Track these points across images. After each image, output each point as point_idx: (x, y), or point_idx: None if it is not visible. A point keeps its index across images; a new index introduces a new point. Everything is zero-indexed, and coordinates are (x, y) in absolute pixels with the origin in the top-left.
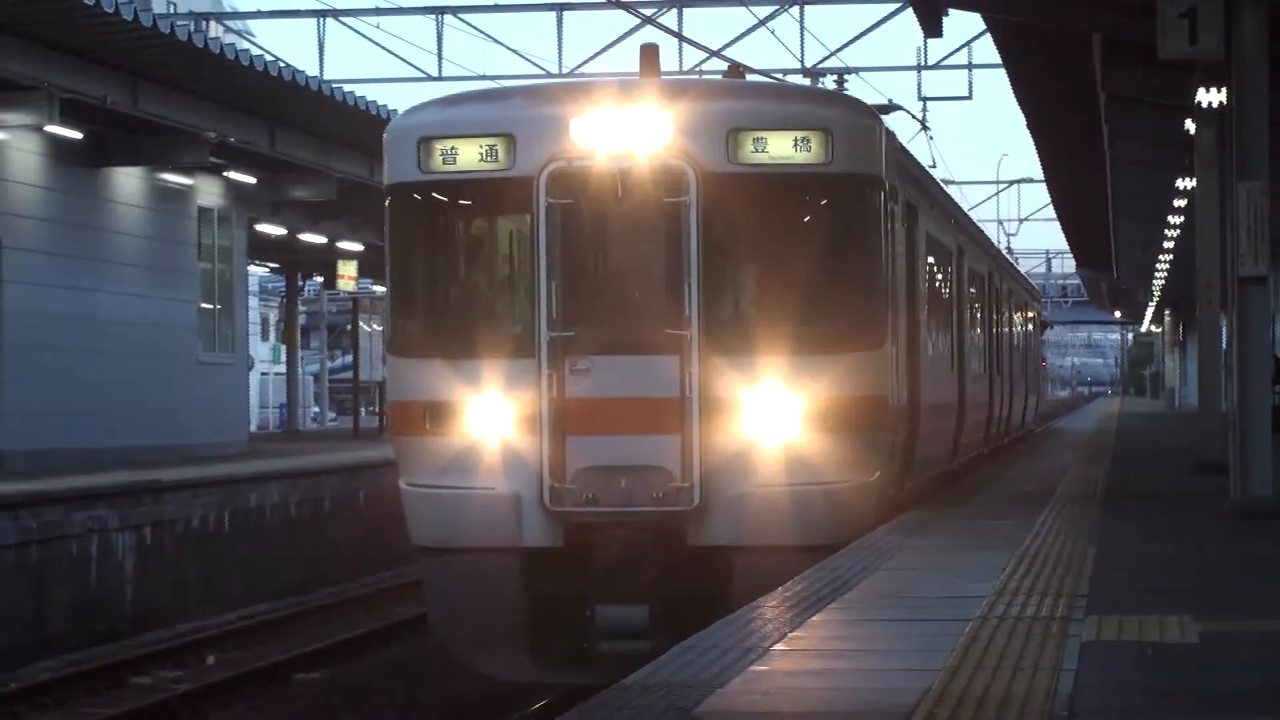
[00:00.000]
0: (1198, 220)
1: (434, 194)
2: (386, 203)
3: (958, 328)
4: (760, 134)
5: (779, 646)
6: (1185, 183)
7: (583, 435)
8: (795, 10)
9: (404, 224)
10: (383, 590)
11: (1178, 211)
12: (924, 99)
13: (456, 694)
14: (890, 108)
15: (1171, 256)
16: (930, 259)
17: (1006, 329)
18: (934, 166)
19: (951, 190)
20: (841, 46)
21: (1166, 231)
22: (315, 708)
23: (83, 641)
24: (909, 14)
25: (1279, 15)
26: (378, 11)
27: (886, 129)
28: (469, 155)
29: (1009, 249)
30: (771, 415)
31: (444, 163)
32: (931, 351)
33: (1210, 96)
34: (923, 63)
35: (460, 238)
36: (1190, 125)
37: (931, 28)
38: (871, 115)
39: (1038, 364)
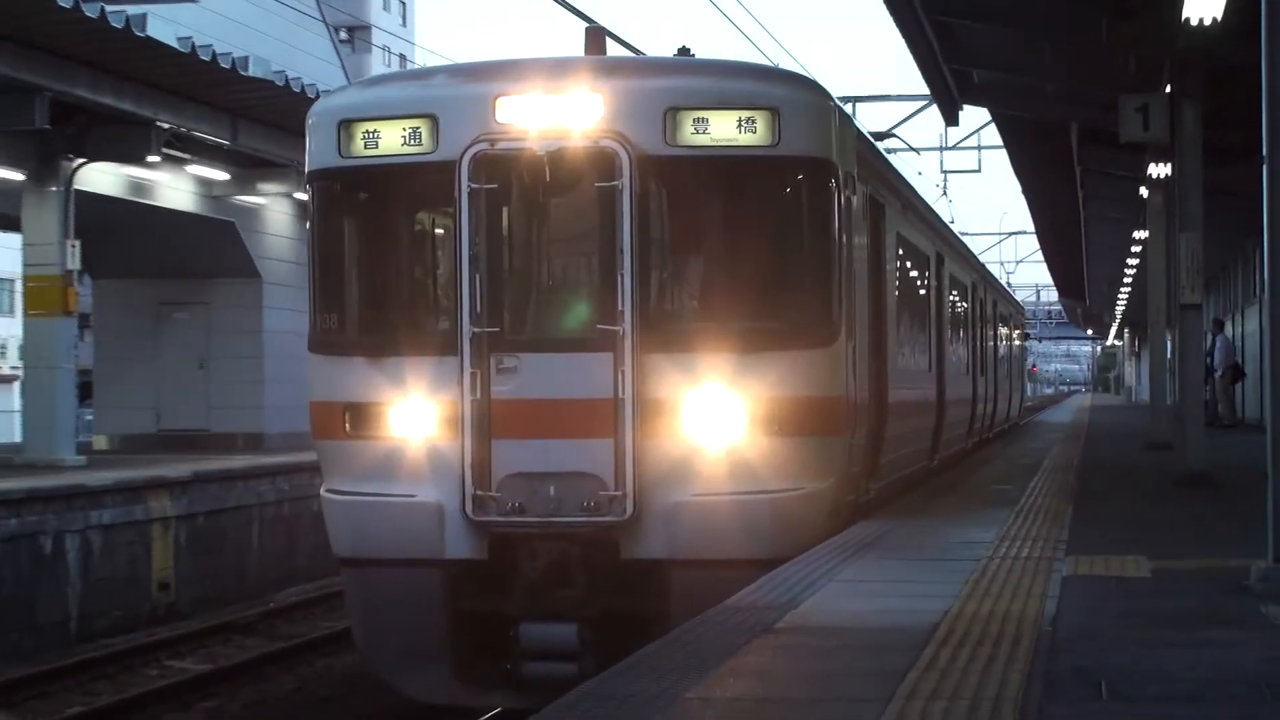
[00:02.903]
0: (1149, 262)
1: (355, 181)
2: (307, 191)
3: (937, 330)
4: (701, 114)
5: (835, 579)
6: (1140, 234)
7: (509, 439)
8: (849, 106)
9: (324, 213)
10: None
11: (1134, 255)
12: (945, 172)
13: None
14: (885, 135)
15: (1130, 288)
16: (904, 260)
17: (990, 334)
18: (953, 221)
19: (965, 239)
20: (884, 134)
21: (1126, 270)
22: None
23: (319, 574)
24: (934, 109)
25: (1209, 110)
26: None
27: (843, 113)
28: (391, 139)
29: (1009, 283)
30: (712, 418)
31: (365, 147)
32: (904, 351)
33: (1159, 170)
34: (944, 144)
35: (382, 227)
36: (1144, 191)
37: (950, 118)
38: (824, 95)
39: (1022, 366)
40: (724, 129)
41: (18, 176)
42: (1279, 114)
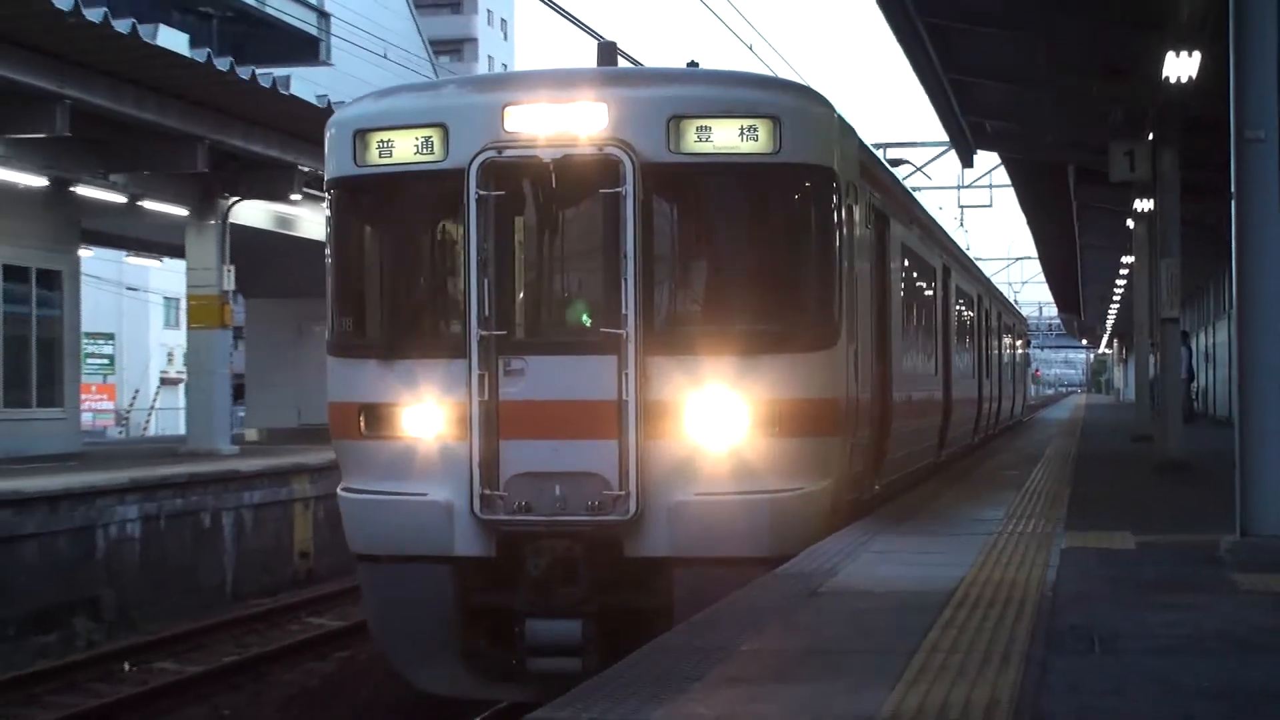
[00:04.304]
0: (1134, 282)
1: (369, 188)
2: (326, 199)
3: (943, 335)
4: (703, 122)
5: (868, 550)
6: (1127, 259)
7: (516, 439)
8: (880, 151)
9: (341, 220)
10: None
11: (1122, 277)
12: (961, 207)
13: None
14: (897, 162)
15: (1118, 304)
16: (910, 270)
17: (995, 340)
18: (968, 248)
19: (980, 264)
20: (909, 175)
21: (1115, 289)
22: None
23: None
24: (953, 153)
25: (1185, 154)
26: None
27: (845, 123)
28: (404, 148)
29: (1016, 300)
30: (714, 419)
31: (379, 156)
32: (909, 354)
33: (1143, 204)
34: (961, 183)
35: (395, 234)
36: (1130, 223)
37: (966, 161)
38: (825, 104)
39: (1025, 369)
40: (726, 137)
41: (182, 212)
42: (1244, 158)
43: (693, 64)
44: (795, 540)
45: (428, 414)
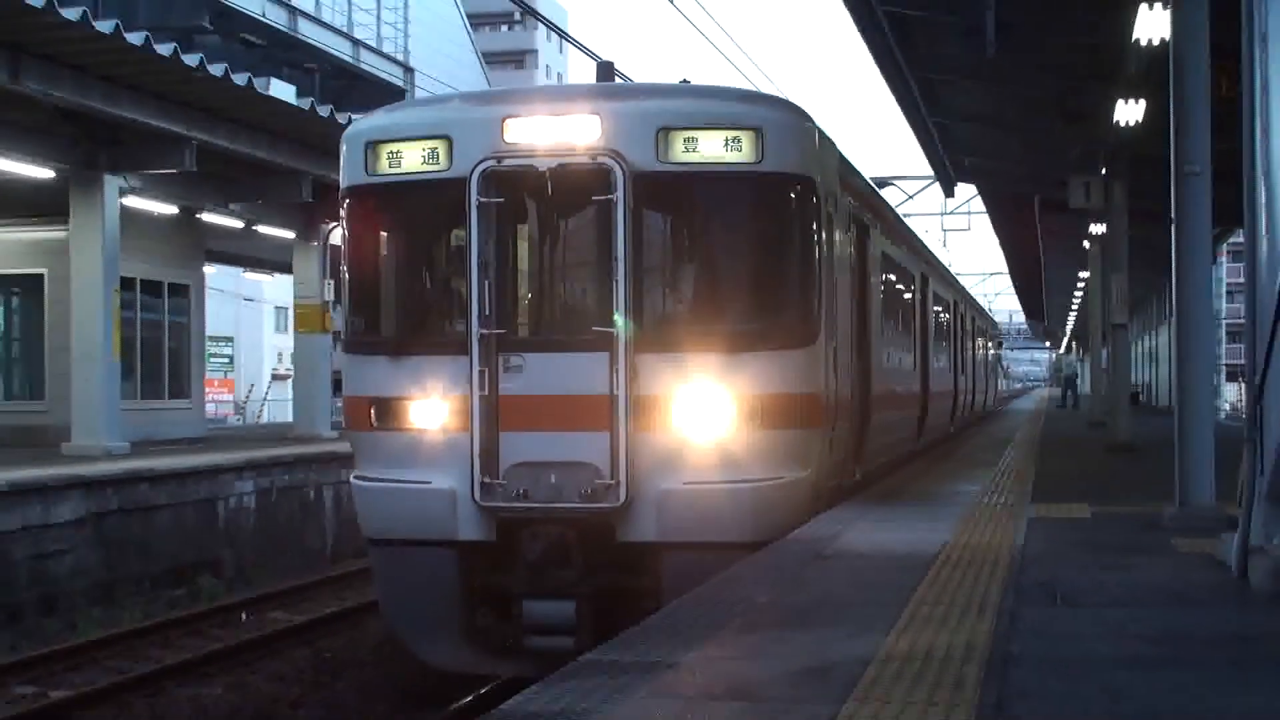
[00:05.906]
0: (1090, 293)
1: (380, 196)
2: (341, 207)
3: (921, 335)
4: (690, 133)
5: (865, 519)
6: (1084, 274)
7: (515, 431)
8: (875, 184)
9: (354, 226)
10: None
11: (1079, 289)
12: (944, 230)
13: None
14: (885, 184)
15: (1076, 312)
16: (889, 275)
17: (969, 341)
18: (950, 265)
19: (959, 278)
20: (901, 203)
21: (1073, 299)
22: None
23: None
24: (936, 185)
25: (1133, 186)
26: None
27: (824, 135)
28: (412, 158)
29: (990, 308)
30: (699, 413)
31: (389, 165)
32: (888, 352)
33: (1097, 228)
34: (944, 210)
35: (403, 239)
36: (1086, 243)
37: (948, 192)
38: (805, 117)
39: (997, 367)
40: (711, 147)
41: (290, 235)
42: (1182, 189)
43: (684, 82)
44: (777, 526)
45: (433, 407)
